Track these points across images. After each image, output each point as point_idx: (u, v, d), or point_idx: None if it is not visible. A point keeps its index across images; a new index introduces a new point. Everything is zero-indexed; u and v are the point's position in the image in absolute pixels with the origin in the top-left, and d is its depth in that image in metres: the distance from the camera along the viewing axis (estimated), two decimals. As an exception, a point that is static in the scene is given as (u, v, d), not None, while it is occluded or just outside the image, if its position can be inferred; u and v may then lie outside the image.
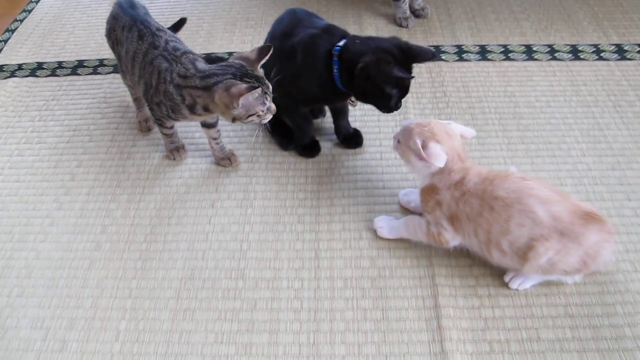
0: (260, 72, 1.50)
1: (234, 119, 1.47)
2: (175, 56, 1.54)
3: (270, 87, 1.49)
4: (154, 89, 1.56)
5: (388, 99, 1.56)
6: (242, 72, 1.45)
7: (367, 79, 1.51)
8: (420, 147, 1.36)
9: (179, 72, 1.51)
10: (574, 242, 1.27)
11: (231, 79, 1.43)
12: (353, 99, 1.71)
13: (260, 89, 1.42)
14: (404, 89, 1.58)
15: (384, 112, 1.61)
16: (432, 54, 1.57)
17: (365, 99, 1.61)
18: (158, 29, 1.62)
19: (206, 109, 1.50)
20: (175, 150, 1.81)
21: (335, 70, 1.57)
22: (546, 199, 1.29)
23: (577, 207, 1.29)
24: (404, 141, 1.43)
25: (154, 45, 1.58)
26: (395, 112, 1.62)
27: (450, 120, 1.47)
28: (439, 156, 1.35)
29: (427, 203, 1.44)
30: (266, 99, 1.46)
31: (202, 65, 1.52)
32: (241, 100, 1.39)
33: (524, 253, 1.31)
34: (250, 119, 1.47)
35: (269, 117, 1.51)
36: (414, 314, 1.39)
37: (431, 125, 1.40)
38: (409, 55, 1.55)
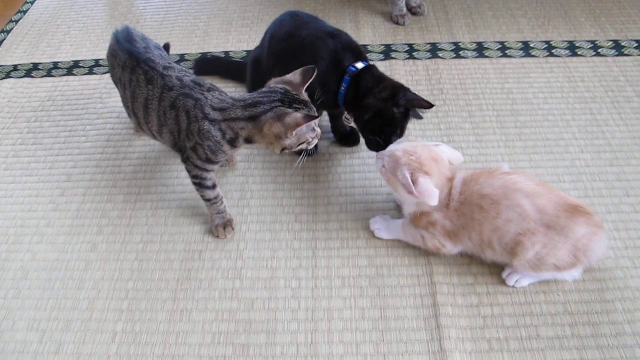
0: (305, 95, 1.37)
1: (283, 149, 1.35)
2: (200, 90, 1.39)
3: (316, 110, 1.38)
4: (184, 132, 1.40)
5: (394, 128, 1.55)
6: (290, 98, 1.32)
7: (387, 100, 1.51)
8: (410, 182, 1.32)
9: (213, 105, 1.36)
10: (560, 234, 1.27)
11: (280, 106, 1.31)
12: (348, 116, 1.70)
13: (315, 130, 1.32)
14: (403, 126, 1.57)
15: (373, 146, 1.60)
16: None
17: (366, 122, 1.56)
18: (165, 67, 1.45)
19: (249, 141, 1.37)
20: (222, 226, 1.57)
21: (342, 88, 1.57)
22: (531, 192, 1.29)
23: (562, 200, 1.29)
24: (391, 169, 1.38)
25: (167, 87, 1.41)
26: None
27: (438, 142, 1.44)
28: (430, 194, 1.31)
29: (419, 224, 1.43)
30: (315, 124, 1.36)
31: (236, 95, 1.38)
32: (296, 130, 1.29)
33: (512, 248, 1.31)
34: (300, 147, 1.36)
35: (316, 141, 1.40)
36: (412, 312, 1.38)
37: (418, 153, 1.36)
38: None
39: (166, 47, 1.78)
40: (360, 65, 1.57)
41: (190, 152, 1.42)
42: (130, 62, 1.48)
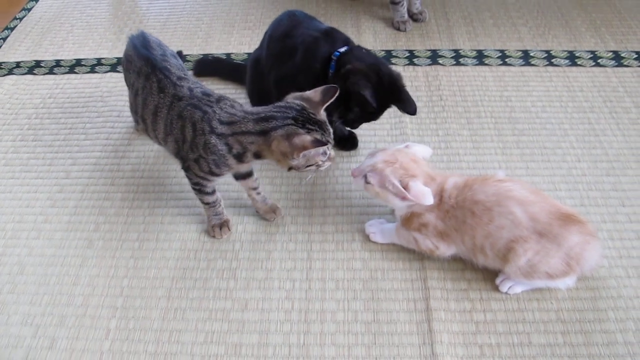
0: (323, 115, 1.34)
1: (290, 169, 1.33)
2: (209, 102, 1.36)
3: (332, 132, 1.34)
4: (188, 144, 1.38)
5: (347, 111, 1.57)
6: (304, 117, 1.28)
7: (344, 82, 1.50)
8: (403, 189, 1.33)
9: (221, 119, 1.33)
10: (552, 242, 1.27)
11: (292, 124, 1.28)
12: None
13: (326, 154, 1.29)
14: (366, 115, 1.59)
15: (339, 121, 1.63)
16: (413, 110, 1.56)
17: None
18: (179, 78, 1.43)
19: (258, 156, 1.34)
20: (218, 227, 1.58)
21: (330, 74, 1.57)
22: (524, 200, 1.30)
23: (555, 208, 1.30)
24: (378, 183, 1.38)
25: (177, 97, 1.39)
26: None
27: (407, 142, 1.47)
28: (424, 194, 1.32)
29: (410, 226, 1.43)
30: (328, 147, 1.31)
31: (248, 108, 1.36)
32: (304, 152, 1.26)
33: (504, 255, 1.32)
34: (308, 169, 1.33)
35: (328, 164, 1.36)
36: (405, 316, 1.39)
37: (399, 160, 1.37)
38: (393, 95, 1.55)
39: (179, 54, 1.79)
40: (343, 49, 1.59)
41: (193, 163, 1.41)
42: (145, 69, 1.46)
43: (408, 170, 1.36)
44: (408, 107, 1.56)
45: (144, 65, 1.47)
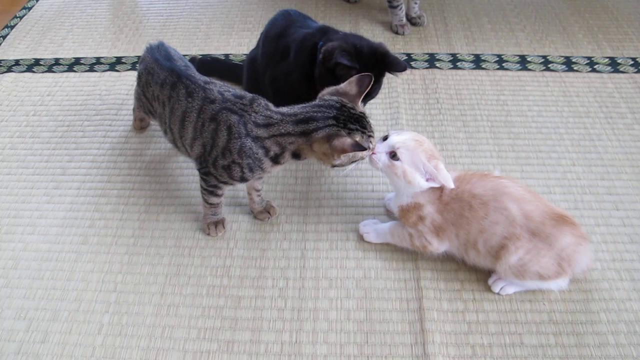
0: (361, 107, 1.34)
1: (333, 166, 1.33)
2: (243, 105, 1.35)
3: (371, 124, 1.33)
4: (220, 149, 1.36)
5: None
6: (345, 115, 1.28)
7: (325, 64, 1.51)
8: (434, 170, 1.32)
9: (257, 122, 1.32)
10: (544, 242, 1.28)
11: (334, 125, 1.27)
12: None
13: (366, 150, 1.29)
14: None
15: None
16: (404, 66, 1.56)
17: (320, 83, 1.55)
18: (206, 82, 1.43)
19: (296, 156, 1.34)
20: (214, 225, 1.58)
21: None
22: (519, 197, 1.31)
23: (549, 209, 1.31)
24: (408, 160, 1.35)
25: (209, 99, 1.38)
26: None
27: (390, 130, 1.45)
28: (449, 177, 1.32)
29: (408, 220, 1.42)
30: (370, 141, 1.32)
31: (283, 108, 1.34)
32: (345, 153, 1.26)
33: (497, 252, 1.32)
34: (352, 165, 1.33)
35: (369, 154, 1.36)
36: (397, 315, 1.39)
37: (426, 142, 1.38)
38: (381, 62, 1.55)
39: (192, 60, 1.81)
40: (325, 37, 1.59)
41: (221, 170, 1.40)
42: (170, 78, 1.47)
43: (434, 152, 1.37)
44: (396, 66, 1.56)
45: (168, 76, 1.48)
